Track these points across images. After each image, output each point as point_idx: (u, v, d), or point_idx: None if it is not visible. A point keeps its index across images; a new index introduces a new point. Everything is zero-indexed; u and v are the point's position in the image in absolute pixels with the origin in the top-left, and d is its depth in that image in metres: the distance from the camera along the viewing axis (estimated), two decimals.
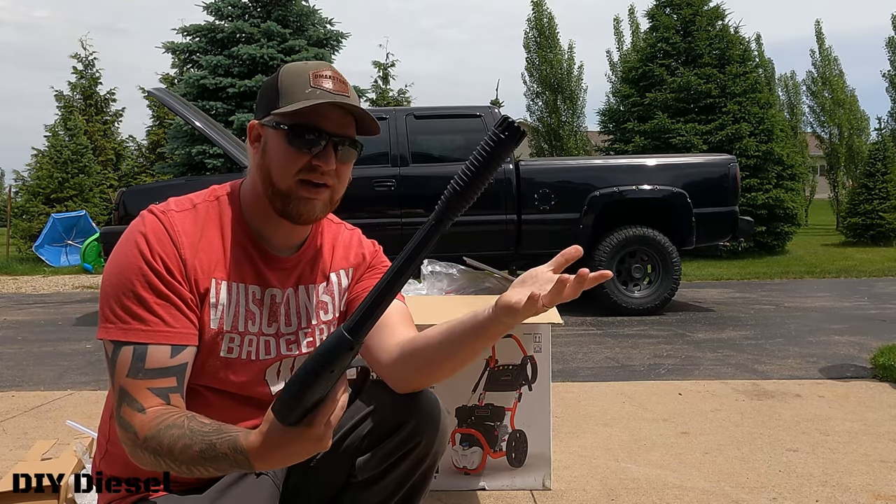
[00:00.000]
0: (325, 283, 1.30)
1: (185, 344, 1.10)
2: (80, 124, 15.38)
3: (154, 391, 1.05)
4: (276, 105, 1.15)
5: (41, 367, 4.19)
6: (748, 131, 12.34)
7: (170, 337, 1.08)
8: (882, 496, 2.04)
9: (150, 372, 1.06)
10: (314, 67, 1.17)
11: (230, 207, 1.22)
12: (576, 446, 2.51)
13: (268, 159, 1.17)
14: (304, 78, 1.15)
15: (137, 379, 1.05)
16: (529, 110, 19.31)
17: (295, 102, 1.13)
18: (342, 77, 1.18)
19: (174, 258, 1.12)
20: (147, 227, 1.13)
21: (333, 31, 13.51)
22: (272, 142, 1.16)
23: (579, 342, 4.83)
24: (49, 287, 9.38)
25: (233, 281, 1.18)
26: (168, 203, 1.19)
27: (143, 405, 1.04)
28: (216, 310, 1.16)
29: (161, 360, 1.06)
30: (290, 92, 1.15)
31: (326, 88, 1.14)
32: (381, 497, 1.25)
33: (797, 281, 8.92)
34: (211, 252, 1.17)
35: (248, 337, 1.20)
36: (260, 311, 1.21)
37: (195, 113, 6.37)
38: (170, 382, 1.07)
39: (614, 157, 9.15)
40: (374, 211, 5.91)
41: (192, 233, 1.16)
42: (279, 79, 1.17)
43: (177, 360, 1.08)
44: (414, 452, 1.22)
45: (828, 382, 3.47)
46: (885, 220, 14.36)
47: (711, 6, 13.68)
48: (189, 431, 0.98)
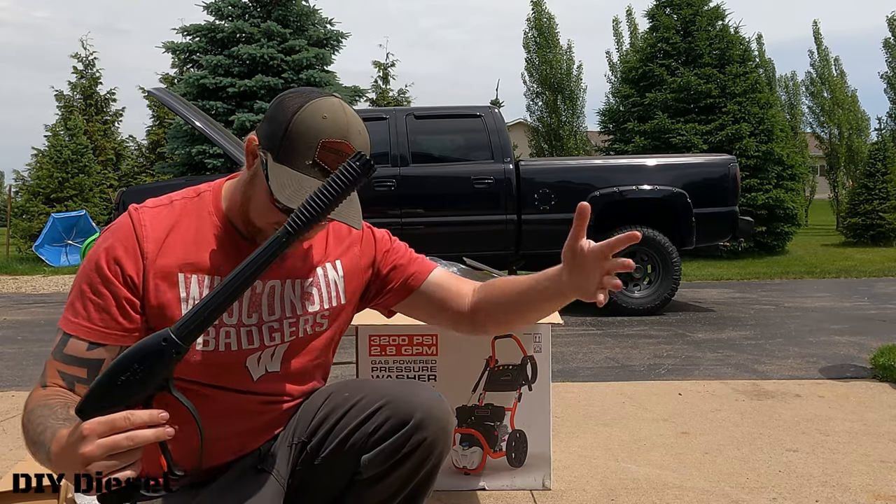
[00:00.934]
0: (312, 277, 1.30)
1: (102, 343, 1.12)
2: (80, 124, 15.37)
3: (62, 374, 1.11)
4: (277, 151, 1.11)
5: (41, 367, 4.18)
6: (748, 131, 12.33)
7: (89, 333, 1.12)
8: (882, 496, 2.04)
9: (65, 357, 1.11)
10: (327, 133, 1.09)
11: (211, 203, 1.23)
12: (576, 446, 2.51)
13: (251, 192, 1.17)
14: (311, 144, 1.09)
15: (55, 359, 1.12)
16: (529, 110, 19.30)
17: (292, 170, 1.09)
18: (351, 149, 1.11)
19: (132, 253, 1.15)
20: (115, 225, 1.19)
21: (333, 31, 13.51)
22: (259, 184, 1.15)
23: (579, 342, 4.83)
24: (49, 287, 9.38)
25: (206, 274, 1.18)
26: (147, 201, 1.22)
27: (46, 381, 1.11)
28: (187, 304, 1.17)
29: (77, 351, 1.11)
30: (292, 152, 1.10)
31: (328, 166, 1.10)
32: (386, 495, 1.25)
33: (797, 281, 8.92)
34: (182, 246, 1.18)
35: (225, 329, 1.20)
36: (239, 302, 1.21)
37: (195, 113, 6.36)
38: (79, 372, 1.11)
39: (614, 157, 9.15)
40: (373, 211, 5.91)
41: (160, 227, 1.17)
42: (291, 125, 1.10)
43: (91, 355, 1.12)
44: (419, 450, 1.22)
45: (828, 382, 3.47)
46: (885, 220, 14.34)
47: (711, 6, 13.67)
48: (50, 413, 1.01)
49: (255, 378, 1.25)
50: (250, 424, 1.26)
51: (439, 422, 1.24)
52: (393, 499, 1.26)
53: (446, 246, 5.54)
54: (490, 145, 6.17)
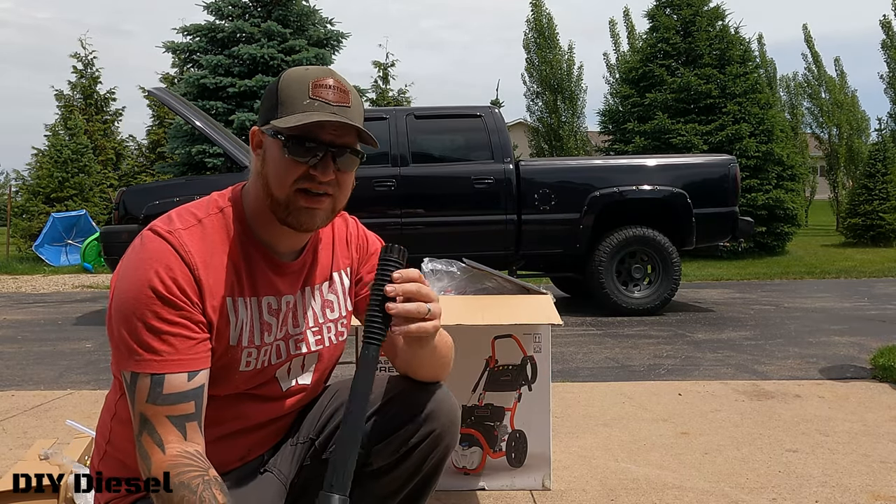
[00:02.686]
0: (328, 282, 1.31)
1: (199, 368, 1.09)
2: (80, 124, 15.39)
3: (172, 420, 1.05)
4: (276, 113, 1.13)
5: (41, 367, 4.19)
6: (748, 132, 12.34)
7: (182, 364, 1.07)
8: (882, 497, 2.04)
9: (168, 397, 1.05)
10: (315, 75, 1.14)
11: (235, 219, 1.19)
12: (575, 446, 2.51)
13: (266, 168, 1.15)
14: (303, 87, 1.13)
15: (157, 405, 1.05)
16: (529, 110, 19.35)
17: (293, 114, 1.11)
18: (343, 85, 1.15)
19: (188, 280, 1.09)
20: (156, 253, 1.09)
21: (334, 30, 13.52)
22: (270, 151, 1.15)
23: (579, 342, 4.83)
24: (49, 286, 9.39)
25: (248, 296, 1.17)
26: (171, 220, 1.14)
27: (161, 439, 1.04)
28: (235, 328, 1.15)
29: (178, 386, 1.06)
30: (288, 101, 1.12)
31: (326, 99, 1.12)
32: (393, 487, 1.27)
33: (797, 281, 8.92)
34: (223, 269, 1.15)
35: (265, 348, 1.20)
36: (277, 319, 1.21)
37: (195, 112, 6.37)
38: (188, 408, 1.06)
39: (614, 158, 9.15)
40: (374, 211, 5.91)
41: (203, 251, 1.13)
42: (279, 86, 1.15)
43: (193, 384, 1.08)
44: (427, 441, 1.24)
45: (828, 383, 3.47)
46: (885, 220, 14.34)
47: (711, 6, 13.67)
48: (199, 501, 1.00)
49: (283, 389, 1.26)
50: (266, 432, 1.28)
51: (448, 415, 1.26)
52: (400, 491, 1.27)
53: (446, 246, 5.54)
54: (490, 145, 6.17)
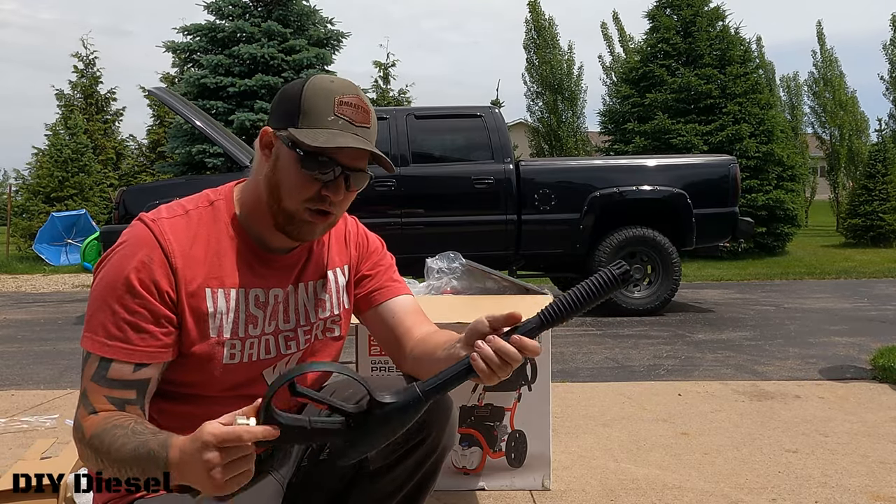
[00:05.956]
0: (322, 280, 1.30)
1: (148, 362, 1.10)
2: (80, 123, 15.37)
3: (111, 399, 1.07)
4: (296, 122, 1.12)
5: (41, 366, 4.19)
6: (748, 132, 12.33)
7: (131, 355, 1.08)
8: (881, 497, 2.04)
9: (111, 382, 1.07)
10: (340, 91, 1.13)
11: (225, 212, 1.20)
12: (575, 447, 2.51)
13: (278, 176, 1.14)
14: (328, 102, 1.12)
15: (99, 385, 1.07)
16: (529, 110, 19.35)
17: (316, 128, 1.11)
18: (366, 105, 1.15)
19: (164, 270, 1.10)
20: (137, 240, 1.12)
21: (334, 30, 13.50)
22: (284, 160, 1.14)
23: (579, 342, 4.83)
24: (49, 286, 9.38)
25: (231, 287, 1.17)
26: (159, 210, 1.17)
27: (95, 408, 1.06)
28: (214, 319, 1.15)
29: (123, 375, 1.08)
30: (312, 113, 1.12)
31: (350, 118, 1.12)
32: (390, 489, 1.27)
33: (797, 282, 8.92)
34: (205, 260, 1.15)
35: (250, 340, 1.20)
36: (264, 312, 1.21)
37: (195, 112, 6.37)
38: (128, 394, 1.08)
39: (614, 158, 9.15)
40: (374, 211, 5.91)
41: (183, 240, 1.13)
42: (303, 94, 1.13)
43: (137, 376, 1.09)
44: (425, 444, 1.24)
45: (827, 383, 3.47)
46: (885, 221, 14.33)
47: (712, 7, 13.66)
48: (130, 431, 1.00)
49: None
50: None
51: (445, 416, 1.26)
52: (397, 492, 1.27)
53: (446, 246, 5.52)
54: (490, 145, 6.17)
